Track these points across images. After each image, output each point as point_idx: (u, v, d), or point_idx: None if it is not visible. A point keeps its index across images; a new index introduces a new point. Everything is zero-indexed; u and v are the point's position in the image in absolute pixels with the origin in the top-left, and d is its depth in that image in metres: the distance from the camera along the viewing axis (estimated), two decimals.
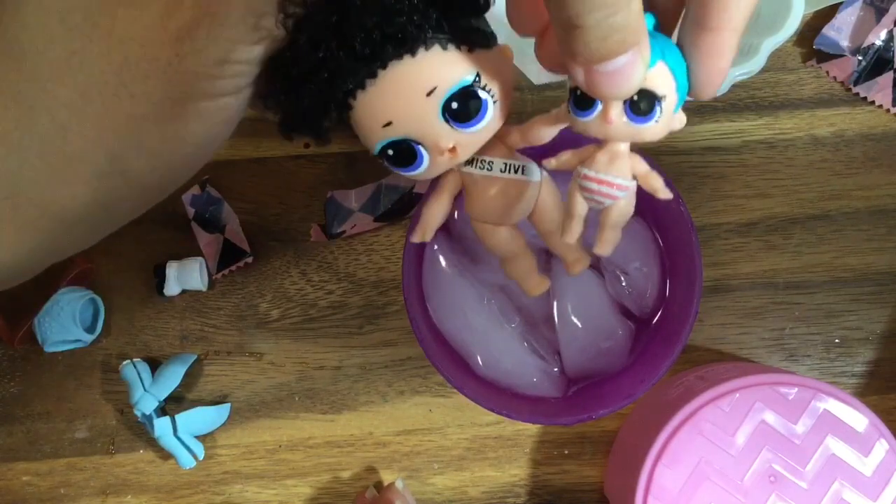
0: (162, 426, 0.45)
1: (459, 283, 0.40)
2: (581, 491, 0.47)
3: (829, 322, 0.48)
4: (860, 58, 0.47)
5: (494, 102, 0.24)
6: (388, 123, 0.23)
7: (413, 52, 0.22)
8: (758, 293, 0.48)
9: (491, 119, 0.24)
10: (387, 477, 0.47)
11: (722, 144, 0.48)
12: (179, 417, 0.45)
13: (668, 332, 0.40)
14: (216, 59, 0.20)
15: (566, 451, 0.47)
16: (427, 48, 0.22)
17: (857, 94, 0.48)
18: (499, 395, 0.40)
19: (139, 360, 0.47)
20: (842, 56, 0.48)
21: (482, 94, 0.23)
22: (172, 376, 0.46)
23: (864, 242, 0.48)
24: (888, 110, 0.48)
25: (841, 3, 0.48)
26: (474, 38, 0.23)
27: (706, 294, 0.47)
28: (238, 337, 0.48)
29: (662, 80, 0.22)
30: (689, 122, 0.47)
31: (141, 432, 0.48)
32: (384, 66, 0.22)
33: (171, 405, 0.47)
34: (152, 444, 0.47)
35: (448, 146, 0.24)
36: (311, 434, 0.48)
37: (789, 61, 0.49)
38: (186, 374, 0.47)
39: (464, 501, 0.47)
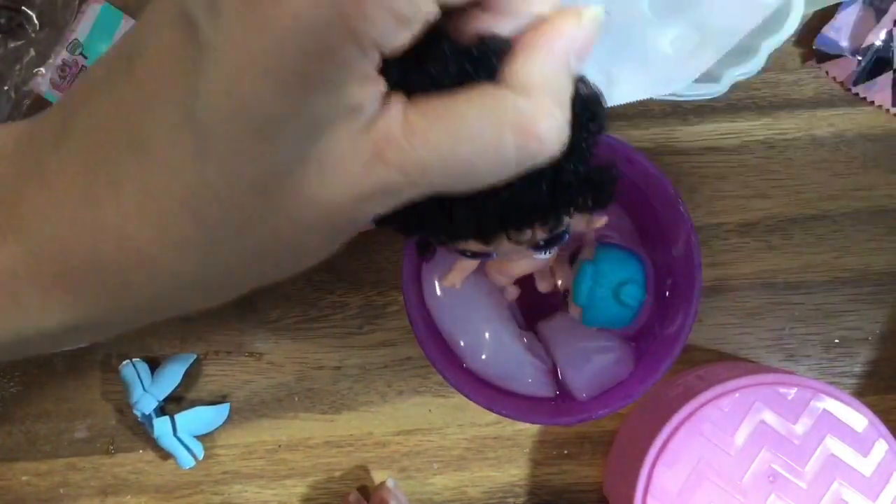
0: (161, 426, 0.45)
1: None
2: (580, 491, 0.47)
3: (829, 322, 0.48)
4: (860, 58, 0.47)
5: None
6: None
7: None
8: (757, 293, 0.48)
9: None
10: (382, 478, 0.47)
11: (721, 145, 0.48)
12: (179, 417, 0.45)
13: (667, 332, 0.40)
14: (379, 210, 0.20)
15: (566, 452, 0.47)
16: None
17: (857, 94, 0.48)
18: (498, 396, 0.40)
19: (139, 359, 0.47)
20: (841, 56, 0.48)
21: (566, 234, 0.27)
22: (172, 376, 0.46)
23: (863, 243, 0.48)
24: (888, 110, 0.48)
25: (840, 3, 0.48)
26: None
27: (706, 294, 0.47)
28: (237, 337, 0.48)
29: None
30: (688, 123, 0.48)
31: (140, 432, 0.48)
32: None
33: (171, 405, 0.47)
34: (152, 443, 0.47)
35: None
36: (311, 434, 0.48)
37: (789, 61, 0.49)
38: (186, 374, 0.47)
39: (463, 501, 0.47)
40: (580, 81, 0.21)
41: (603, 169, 0.24)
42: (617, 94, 0.41)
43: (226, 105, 0.17)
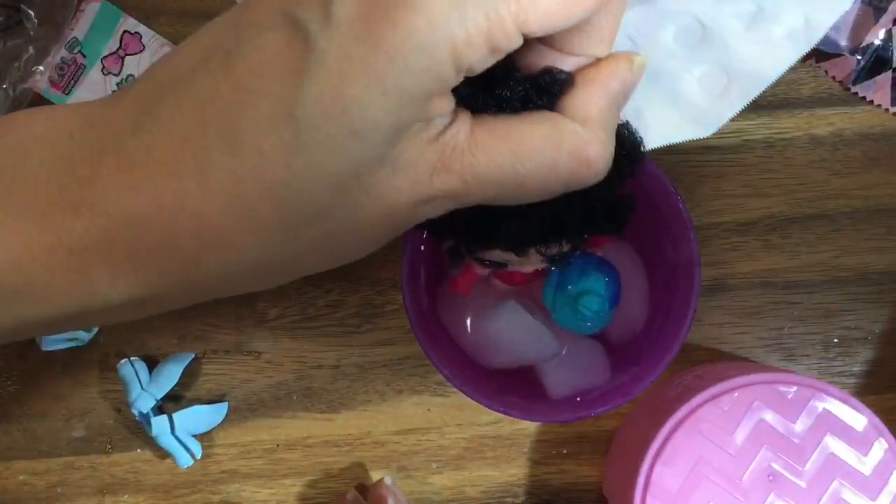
0: (159, 425, 0.45)
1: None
2: (579, 490, 0.47)
3: (828, 322, 0.48)
4: (859, 57, 0.47)
5: None
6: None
7: None
8: (756, 293, 0.48)
9: None
10: (380, 477, 0.47)
11: (720, 144, 0.48)
12: (177, 416, 0.45)
13: (666, 331, 0.40)
14: (432, 213, 0.22)
15: (564, 451, 0.47)
16: None
17: (856, 93, 0.48)
18: (497, 394, 0.40)
19: (137, 358, 0.47)
20: (840, 55, 0.48)
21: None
22: (170, 375, 0.46)
23: (862, 242, 0.48)
24: (887, 110, 0.48)
25: None
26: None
27: (705, 293, 0.47)
28: (236, 336, 0.48)
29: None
30: None
31: (138, 431, 0.48)
32: None
33: (169, 404, 0.47)
34: (150, 443, 0.47)
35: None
36: (309, 433, 0.48)
37: None
38: (184, 373, 0.46)
39: (462, 501, 0.47)
40: (622, 126, 0.24)
41: (625, 197, 0.26)
42: (649, 137, 0.41)
43: (328, 106, 0.19)
